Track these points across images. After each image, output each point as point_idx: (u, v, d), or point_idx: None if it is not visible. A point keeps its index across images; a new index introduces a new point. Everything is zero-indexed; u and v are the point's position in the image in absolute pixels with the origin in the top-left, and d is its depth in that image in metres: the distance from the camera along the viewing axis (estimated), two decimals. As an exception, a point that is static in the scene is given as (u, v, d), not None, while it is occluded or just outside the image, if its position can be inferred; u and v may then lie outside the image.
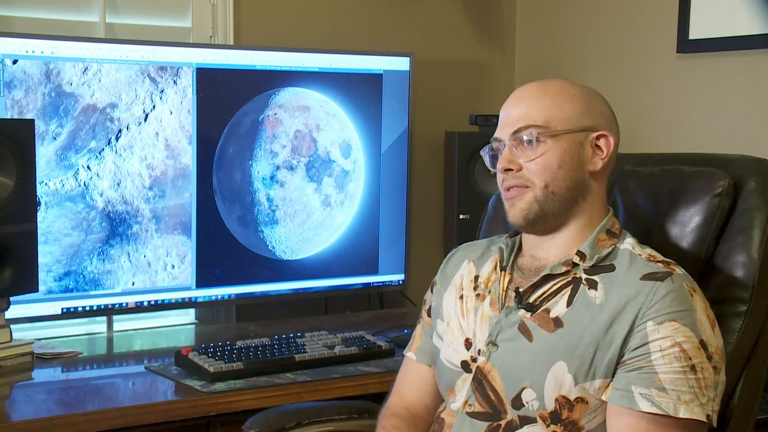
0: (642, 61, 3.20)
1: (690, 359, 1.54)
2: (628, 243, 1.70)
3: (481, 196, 3.15)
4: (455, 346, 1.75)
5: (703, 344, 1.55)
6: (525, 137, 1.67)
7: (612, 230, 1.71)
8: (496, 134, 1.73)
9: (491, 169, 1.76)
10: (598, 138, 1.69)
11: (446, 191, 3.31)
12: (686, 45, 3.03)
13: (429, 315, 1.88)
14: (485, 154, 1.77)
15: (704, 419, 1.55)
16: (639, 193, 1.89)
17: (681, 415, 1.53)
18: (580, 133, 1.68)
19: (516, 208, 1.69)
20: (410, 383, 1.88)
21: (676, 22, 3.04)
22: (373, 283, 3.17)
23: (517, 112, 1.70)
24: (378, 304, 3.31)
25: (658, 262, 1.65)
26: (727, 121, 2.98)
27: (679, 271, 1.63)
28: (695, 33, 3.00)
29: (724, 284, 1.78)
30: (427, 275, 2.15)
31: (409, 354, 1.90)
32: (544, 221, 1.69)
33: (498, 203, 2.12)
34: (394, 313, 3.22)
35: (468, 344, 1.73)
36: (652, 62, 3.16)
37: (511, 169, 1.68)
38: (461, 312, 1.77)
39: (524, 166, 1.68)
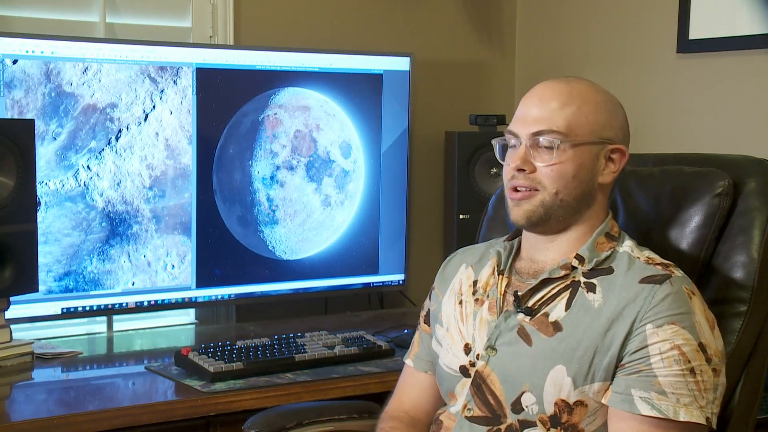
0: (642, 61, 3.20)
1: (689, 362, 1.54)
2: (627, 246, 1.69)
3: (481, 196, 3.15)
4: (454, 351, 1.75)
5: (702, 347, 1.55)
6: (544, 142, 1.64)
7: (611, 233, 1.70)
8: (514, 128, 1.69)
9: (500, 160, 1.73)
10: (613, 151, 1.67)
11: (446, 191, 3.31)
12: (686, 45, 3.03)
13: (427, 322, 1.87)
14: (496, 143, 1.75)
15: (704, 422, 1.54)
16: (639, 194, 1.89)
17: (681, 419, 1.53)
18: (598, 145, 1.66)
19: (521, 209, 1.67)
20: (409, 390, 1.88)
21: (676, 22, 3.04)
22: (373, 283, 3.17)
23: (538, 111, 1.66)
24: (378, 304, 3.31)
25: (657, 264, 1.64)
26: (727, 121, 2.98)
27: (677, 273, 1.62)
28: (695, 33, 3.00)
29: (724, 284, 1.78)
30: (427, 275, 2.15)
31: (408, 361, 1.91)
32: (547, 224, 1.68)
33: (498, 203, 2.12)
34: (394, 313, 3.22)
35: (467, 349, 1.73)
36: (652, 62, 3.16)
37: (524, 170, 1.66)
38: (460, 317, 1.77)
39: (538, 168, 1.65)
